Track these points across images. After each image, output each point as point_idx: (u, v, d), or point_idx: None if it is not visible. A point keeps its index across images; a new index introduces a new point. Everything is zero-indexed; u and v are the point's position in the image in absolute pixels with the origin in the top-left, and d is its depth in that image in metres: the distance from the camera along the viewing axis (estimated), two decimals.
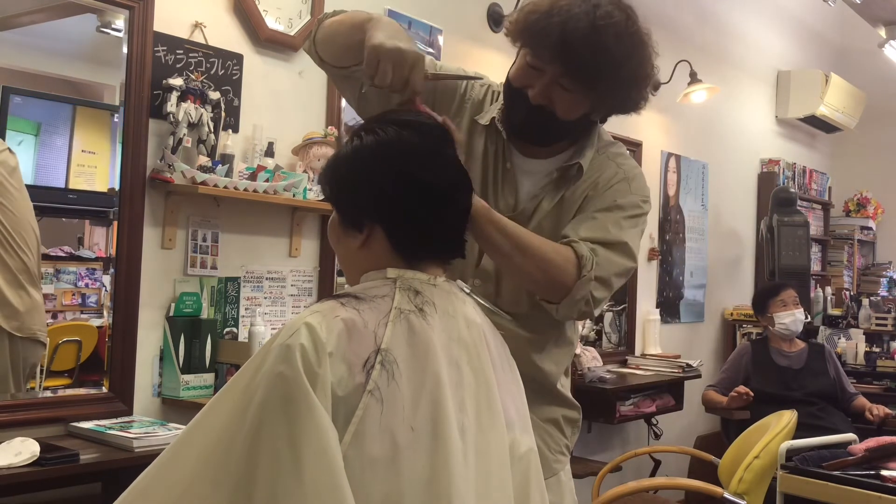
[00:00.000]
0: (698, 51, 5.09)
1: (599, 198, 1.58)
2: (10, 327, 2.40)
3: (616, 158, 1.65)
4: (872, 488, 2.67)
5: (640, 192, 1.62)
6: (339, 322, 1.04)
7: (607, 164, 1.62)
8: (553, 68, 1.48)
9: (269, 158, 2.84)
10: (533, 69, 1.51)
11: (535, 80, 1.51)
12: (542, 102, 1.51)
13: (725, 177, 5.58)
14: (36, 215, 2.46)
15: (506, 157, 1.62)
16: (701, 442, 4.81)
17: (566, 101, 1.51)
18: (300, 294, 3.02)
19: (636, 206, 1.59)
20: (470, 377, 1.13)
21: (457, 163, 1.23)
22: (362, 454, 1.00)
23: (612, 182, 1.60)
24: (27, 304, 2.43)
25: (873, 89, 6.57)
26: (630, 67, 1.50)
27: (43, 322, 2.48)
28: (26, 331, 2.43)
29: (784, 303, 4.32)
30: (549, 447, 1.69)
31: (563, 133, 1.59)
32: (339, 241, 1.22)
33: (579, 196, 1.60)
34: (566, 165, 1.60)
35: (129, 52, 2.50)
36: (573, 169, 1.60)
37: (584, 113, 1.55)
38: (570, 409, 1.77)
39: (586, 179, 1.60)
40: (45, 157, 2.59)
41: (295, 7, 2.95)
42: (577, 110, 1.53)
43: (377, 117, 1.26)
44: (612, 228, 1.53)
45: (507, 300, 1.61)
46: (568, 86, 1.49)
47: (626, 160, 1.66)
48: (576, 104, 1.52)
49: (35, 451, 2.06)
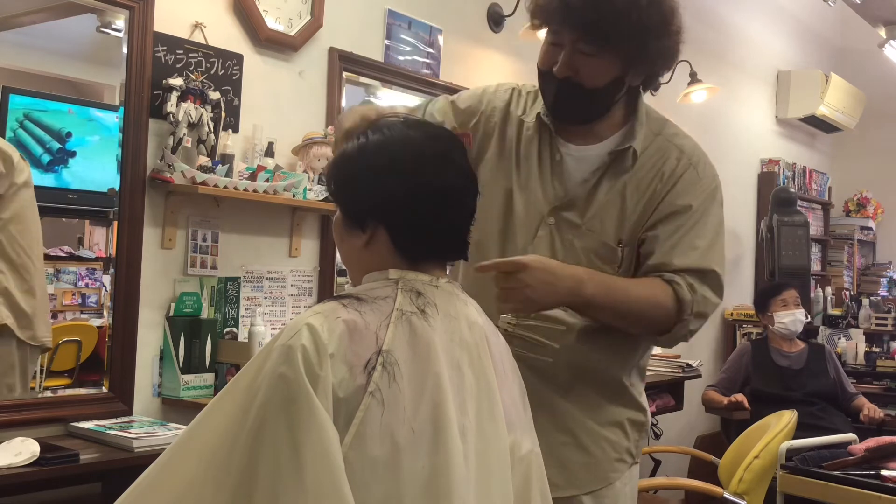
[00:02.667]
0: (698, 51, 5.08)
1: (671, 193, 1.57)
2: (24, 336, 2.41)
3: (674, 140, 1.63)
4: (872, 488, 2.67)
5: (708, 174, 1.62)
6: (341, 323, 1.04)
7: (667, 147, 1.61)
8: (567, 35, 1.50)
9: (269, 158, 2.84)
10: (554, 46, 1.53)
11: (558, 55, 1.52)
12: (568, 73, 1.51)
13: (725, 177, 5.49)
14: None
15: (555, 149, 1.62)
16: (701, 442, 4.81)
17: (590, 66, 1.51)
18: (300, 294, 3.02)
19: (710, 195, 1.60)
20: (471, 379, 1.13)
21: (462, 165, 1.22)
22: (363, 455, 1.00)
23: (679, 172, 1.58)
24: (36, 309, 2.44)
25: (873, 89, 6.57)
26: (638, 12, 1.47)
27: (49, 328, 2.49)
28: (39, 339, 2.44)
29: (785, 302, 4.32)
30: (605, 453, 1.62)
31: (600, 107, 1.58)
32: (342, 239, 1.22)
33: (645, 188, 1.58)
34: (619, 150, 1.59)
35: (129, 52, 2.50)
36: (628, 153, 1.59)
37: (615, 77, 1.53)
38: (636, 411, 1.68)
39: (649, 166, 1.59)
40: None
41: (295, 7, 2.95)
42: (603, 75, 1.52)
43: (384, 118, 1.26)
44: (700, 244, 1.54)
45: None
46: (585, 49, 1.49)
47: (684, 140, 1.65)
48: (600, 68, 1.51)
49: (35, 451, 2.06)
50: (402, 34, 3.35)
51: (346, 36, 3.14)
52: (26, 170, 2.42)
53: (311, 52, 3.02)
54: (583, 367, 1.58)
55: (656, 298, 1.51)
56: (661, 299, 1.51)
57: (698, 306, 1.53)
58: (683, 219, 1.56)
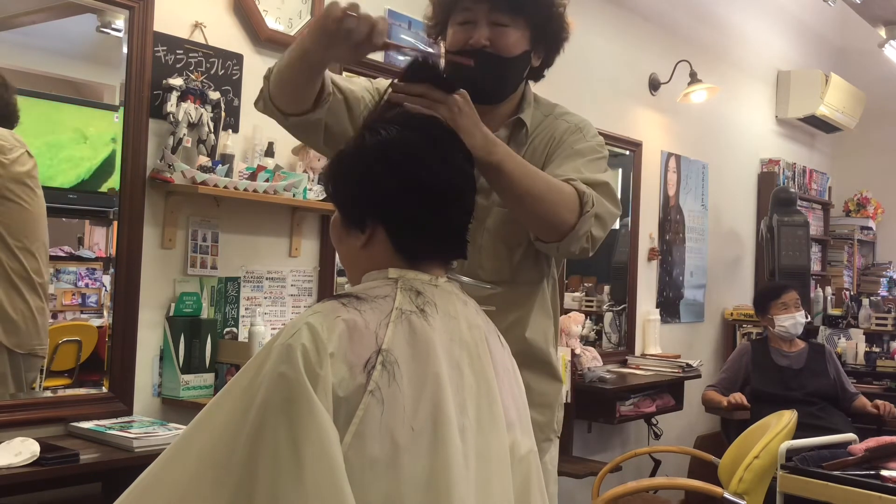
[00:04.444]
0: (698, 51, 5.09)
1: (560, 148, 1.67)
2: (10, 343, 2.39)
3: (563, 116, 1.75)
4: (872, 488, 2.67)
5: (594, 138, 1.72)
6: (341, 322, 1.04)
7: (557, 122, 1.73)
8: (481, 9, 1.60)
9: (269, 158, 2.84)
10: (465, 25, 1.62)
11: (471, 32, 1.62)
12: (485, 43, 1.60)
13: (725, 177, 5.58)
14: None
15: None
16: (701, 442, 4.81)
17: (505, 36, 1.61)
18: (300, 294, 3.02)
19: (594, 150, 1.68)
20: (471, 379, 1.13)
21: (460, 165, 1.22)
22: (363, 455, 1.00)
23: (566, 135, 1.69)
24: (27, 315, 2.43)
25: (873, 89, 6.57)
26: None
27: (44, 335, 2.46)
28: (26, 347, 2.43)
29: (785, 305, 4.31)
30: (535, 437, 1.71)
31: (514, 80, 1.68)
32: (340, 240, 1.22)
33: (541, 154, 1.68)
34: (511, 121, 1.69)
35: (129, 52, 2.50)
36: (520, 126, 1.70)
37: (524, 51, 1.65)
38: (558, 383, 1.78)
39: (542, 139, 1.70)
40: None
41: (295, 7, 2.95)
42: (516, 45, 1.63)
43: (383, 118, 1.25)
44: (586, 171, 1.61)
45: (489, 270, 1.65)
46: (501, 20, 1.61)
47: (573, 115, 1.76)
48: (513, 37, 1.62)
49: (35, 451, 2.06)
50: (403, 34, 3.35)
51: None
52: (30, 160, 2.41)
53: None
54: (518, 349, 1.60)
55: (559, 186, 1.53)
56: (565, 188, 1.53)
57: (598, 206, 1.55)
58: (568, 157, 1.66)
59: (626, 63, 4.64)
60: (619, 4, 4.57)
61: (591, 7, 4.36)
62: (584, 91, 4.25)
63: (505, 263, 1.66)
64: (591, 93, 4.34)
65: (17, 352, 2.41)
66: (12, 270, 2.38)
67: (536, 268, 1.70)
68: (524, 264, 1.68)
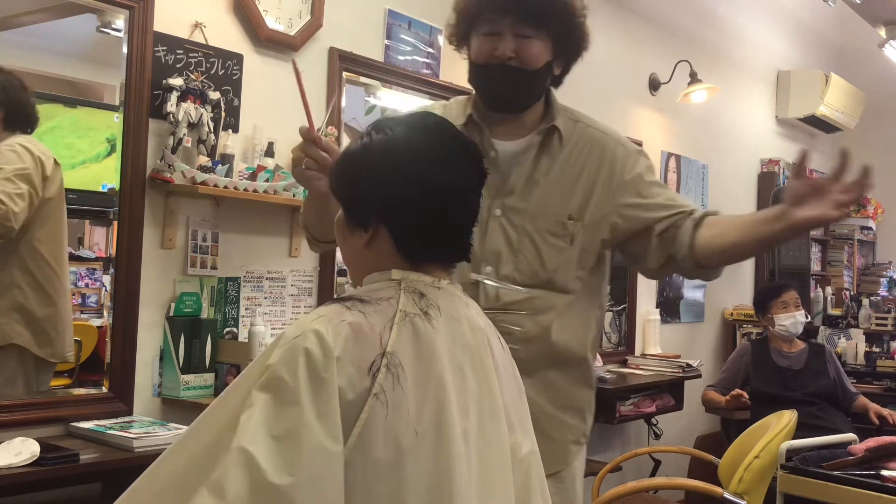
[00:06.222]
0: (698, 51, 5.09)
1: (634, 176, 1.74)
2: (44, 354, 2.41)
3: (594, 125, 1.80)
4: (872, 488, 2.67)
5: (633, 146, 1.80)
6: (346, 326, 1.04)
7: (590, 133, 1.77)
8: (507, 22, 1.64)
9: (269, 158, 2.84)
10: (490, 36, 1.66)
11: (496, 43, 1.65)
12: (510, 55, 1.65)
13: (725, 177, 5.58)
14: None
15: (489, 147, 1.73)
16: (701, 442, 4.81)
17: (529, 48, 1.65)
18: (300, 294, 3.02)
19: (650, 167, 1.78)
20: (473, 382, 1.13)
21: (465, 167, 1.21)
22: (366, 457, 1.00)
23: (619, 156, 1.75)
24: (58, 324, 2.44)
25: (873, 89, 6.57)
26: None
27: (70, 339, 2.48)
28: (59, 356, 2.45)
29: (785, 304, 4.31)
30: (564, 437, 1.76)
31: (538, 90, 1.73)
32: (344, 238, 1.21)
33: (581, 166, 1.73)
34: (544, 128, 1.73)
35: (129, 52, 2.50)
36: (553, 134, 1.73)
37: (547, 61, 1.69)
38: (592, 392, 1.83)
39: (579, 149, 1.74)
40: None
41: (295, 7, 2.95)
42: (540, 56, 1.67)
43: (389, 117, 1.26)
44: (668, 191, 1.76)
45: (526, 274, 1.69)
46: (525, 32, 1.64)
47: (600, 125, 1.81)
48: (537, 49, 1.66)
49: (35, 451, 2.06)
50: (402, 34, 3.35)
51: (346, 36, 3.14)
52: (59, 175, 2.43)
53: (311, 52, 3.02)
54: (546, 351, 1.67)
55: None
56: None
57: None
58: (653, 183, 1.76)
59: (626, 63, 4.64)
60: (619, 4, 4.57)
61: (592, 7, 4.31)
62: (584, 91, 4.24)
63: (540, 269, 1.69)
64: (591, 92, 4.32)
65: (47, 361, 2.43)
66: (46, 281, 2.40)
67: (574, 274, 1.72)
68: (563, 272, 1.71)
